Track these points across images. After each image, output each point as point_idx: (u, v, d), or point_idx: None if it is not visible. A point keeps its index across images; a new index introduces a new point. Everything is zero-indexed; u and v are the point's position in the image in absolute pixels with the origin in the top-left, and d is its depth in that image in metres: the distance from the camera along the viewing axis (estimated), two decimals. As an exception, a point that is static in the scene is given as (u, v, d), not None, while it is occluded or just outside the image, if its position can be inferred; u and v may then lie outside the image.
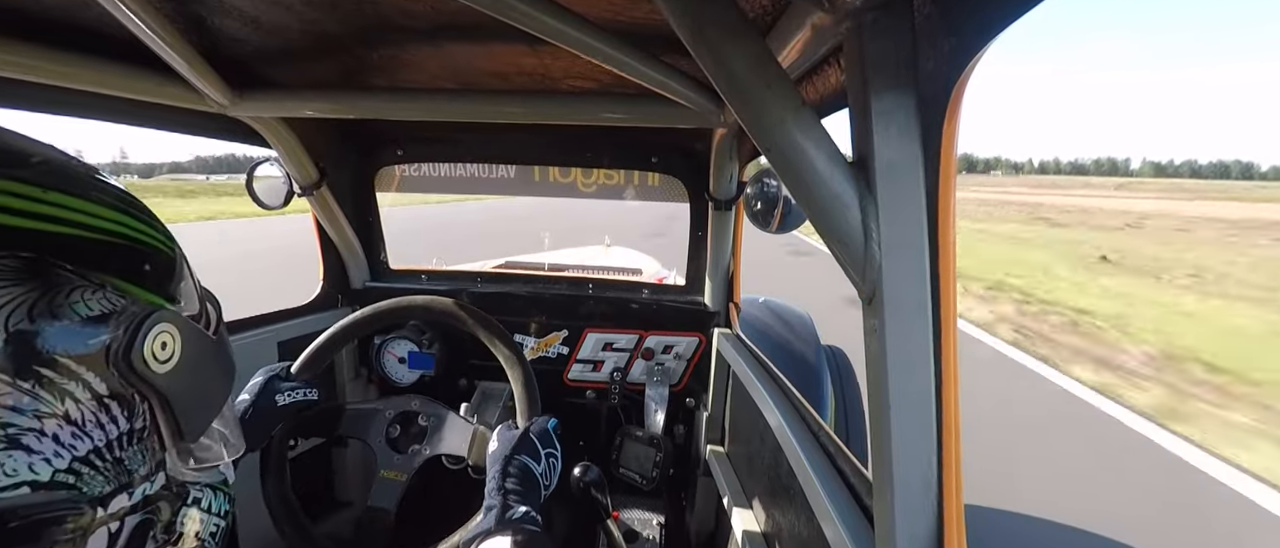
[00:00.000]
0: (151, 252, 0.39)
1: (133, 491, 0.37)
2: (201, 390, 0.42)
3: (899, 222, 0.46)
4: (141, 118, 1.03)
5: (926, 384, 0.48)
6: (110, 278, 0.36)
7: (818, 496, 0.72)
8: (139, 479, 0.38)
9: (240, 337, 1.28)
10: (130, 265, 0.38)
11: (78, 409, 0.33)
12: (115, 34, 0.73)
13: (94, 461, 0.34)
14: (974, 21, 0.38)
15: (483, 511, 0.70)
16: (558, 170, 1.61)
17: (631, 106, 1.02)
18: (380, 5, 0.72)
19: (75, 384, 0.33)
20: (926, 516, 0.49)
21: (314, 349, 0.96)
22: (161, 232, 0.41)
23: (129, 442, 0.37)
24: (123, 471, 0.37)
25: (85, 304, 0.34)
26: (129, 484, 0.37)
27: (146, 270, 0.38)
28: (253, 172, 1.35)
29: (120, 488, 0.36)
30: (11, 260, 0.31)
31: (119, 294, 0.36)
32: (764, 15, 0.65)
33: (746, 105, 0.48)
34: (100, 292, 0.35)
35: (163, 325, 0.37)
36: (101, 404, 0.35)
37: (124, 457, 0.37)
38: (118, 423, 0.36)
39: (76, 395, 0.33)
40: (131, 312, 0.36)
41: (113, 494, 0.36)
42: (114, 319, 0.35)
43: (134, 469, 0.37)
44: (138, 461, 0.38)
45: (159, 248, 0.40)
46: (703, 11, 0.46)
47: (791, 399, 0.99)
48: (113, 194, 0.38)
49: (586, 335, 1.57)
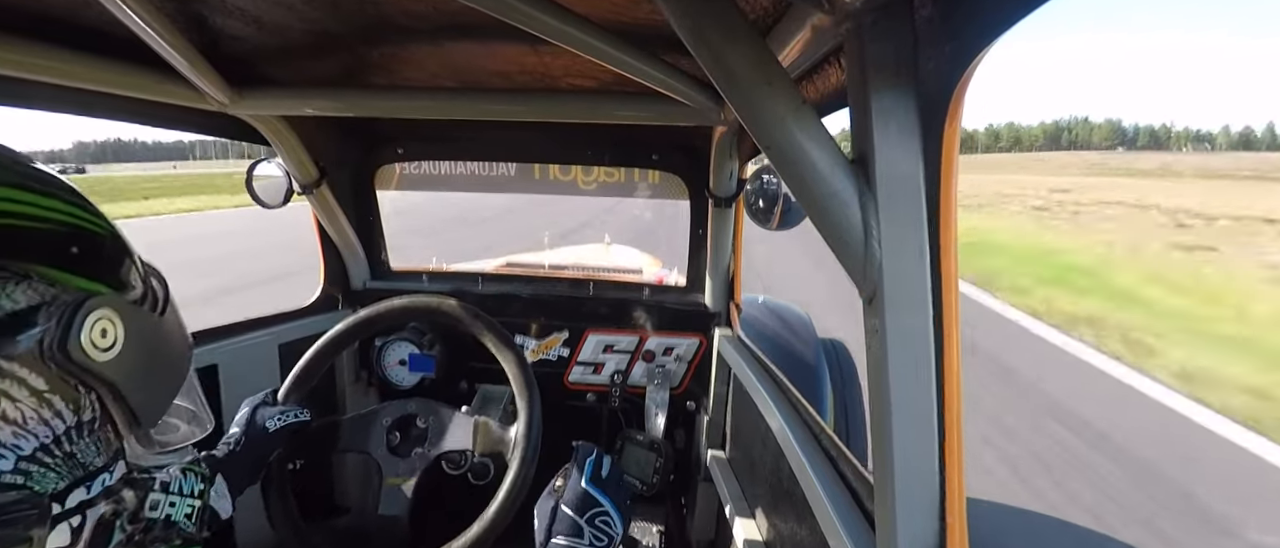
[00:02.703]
0: (78, 234, 0.37)
1: (90, 484, 0.36)
2: (153, 374, 0.41)
3: (899, 220, 0.46)
4: (141, 116, 1.03)
5: (928, 385, 0.48)
6: (34, 266, 0.34)
7: (819, 500, 0.72)
8: (95, 471, 0.37)
9: (241, 339, 1.28)
10: (55, 251, 0.35)
11: (16, 409, 0.32)
12: (115, 32, 0.73)
13: (42, 458, 0.33)
14: (975, 23, 0.38)
15: None
16: (558, 168, 1.61)
17: (632, 105, 1.02)
18: (381, 4, 0.72)
19: (10, 383, 0.32)
20: (928, 519, 0.49)
21: (299, 371, 0.95)
22: (90, 211, 0.38)
23: (79, 435, 0.36)
24: (76, 465, 0.35)
25: (8, 298, 0.32)
26: (85, 478, 0.36)
27: (75, 254, 0.36)
28: (252, 170, 1.35)
29: (76, 482, 0.35)
30: None
31: (46, 283, 0.34)
32: (764, 16, 0.65)
33: (747, 104, 0.48)
34: (25, 283, 0.33)
35: (99, 311, 0.35)
36: (42, 400, 0.33)
37: (75, 451, 0.35)
38: (63, 418, 0.35)
39: (13, 395, 0.32)
40: (62, 301, 0.34)
41: (69, 489, 0.35)
42: (44, 311, 0.33)
43: (88, 462, 0.36)
44: (91, 453, 0.37)
45: (87, 228, 0.37)
46: (703, 12, 0.46)
47: (792, 401, 0.99)
48: (26, 174, 0.35)
49: (587, 337, 1.57)
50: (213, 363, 1.21)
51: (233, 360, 1.24)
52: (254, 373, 1.29)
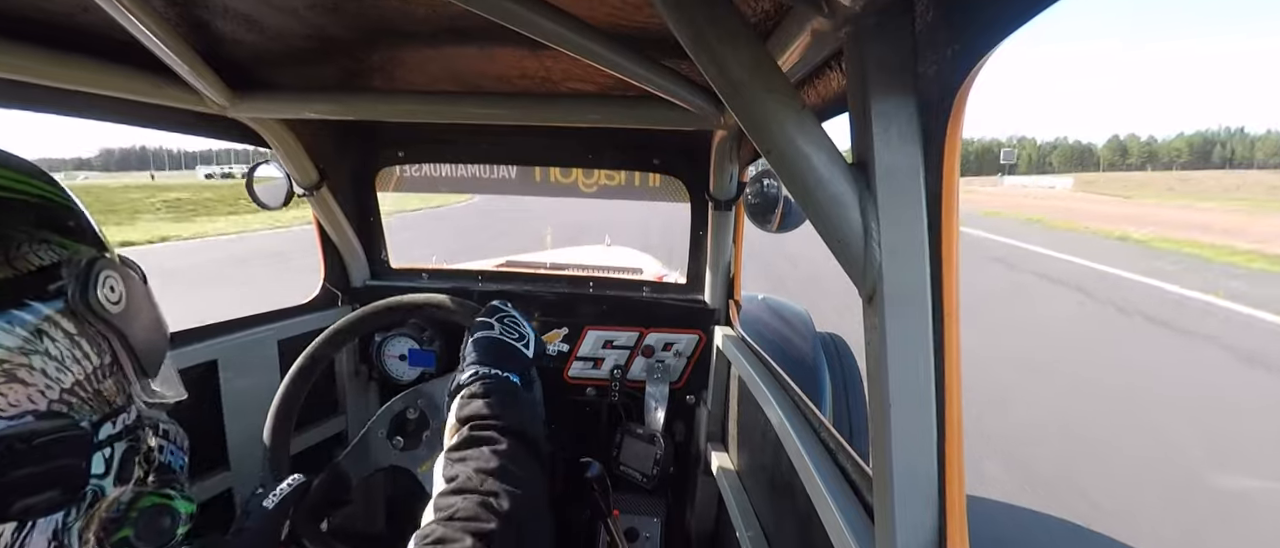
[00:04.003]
0: (68, 209, 0.42)
1: (115, 420, 0.42)
2: (150, 330, 0.46)
3: (899, 223, 0.47)
4: (141, 118, 1.03)
5: (926, 383, 0.48)
6: (47, 232, 0.39)
7: (819, 492, 0.73)
8: (117, 410, 0.42)
9: (240, 336, 1.28)
10: (58, 222, 0.41)
11: (56, 347, 0.37)
12: (115, 36, 0.74)
13: (78, 392, 0.38)
14: (977, 26, 0.39)
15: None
16: (558, 171, 1.62)
17: (632, 109, 1.03)
18: (382, 9, 0.73)
19: (48, 325, 0.37)
20: (928, 513, 0.50)
21: (269, 445, 0.92)
22: (65, 192, 0.44)
23: (104, 375, 0.41)
24: (103, 401, 0.41)
25: (36, 256, 0.37)
26: (111, 414, 0.41)
27: (72, 226, 0.42)
28: (253, 172, 1.35)
29: (104, 418, 0.40)
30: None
31: (60, 246, 0.39)
32: (764, 20, 0.65)
33: (746, 108, 0.48)
34: (44, 246, 0.38)
35: (108, 271, 0.41)
36: (73, 341, 0.39)
37: (102, 389, 0.41)
38: (91, 358, 0.40)
39: (51, 334, 0.37)
40: (76, 260, 0.39)
41: (100, 423, 0.40)
42: (65, 268, 0.39)
43: (112, 401, 0.42)
44: (114, 392, 0.42)
45: (71, 206, 0.43)
46: (702, 17, 0.47)
47: (792, 396, 0.99)
48: (12, 160, 0.41)
49: (586, 333, 1.58)
50: (212, 358, 1.21)
51: (232, 356, 1.25)
52: (253, 369, 1.29)
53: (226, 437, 1.23)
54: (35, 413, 0.35)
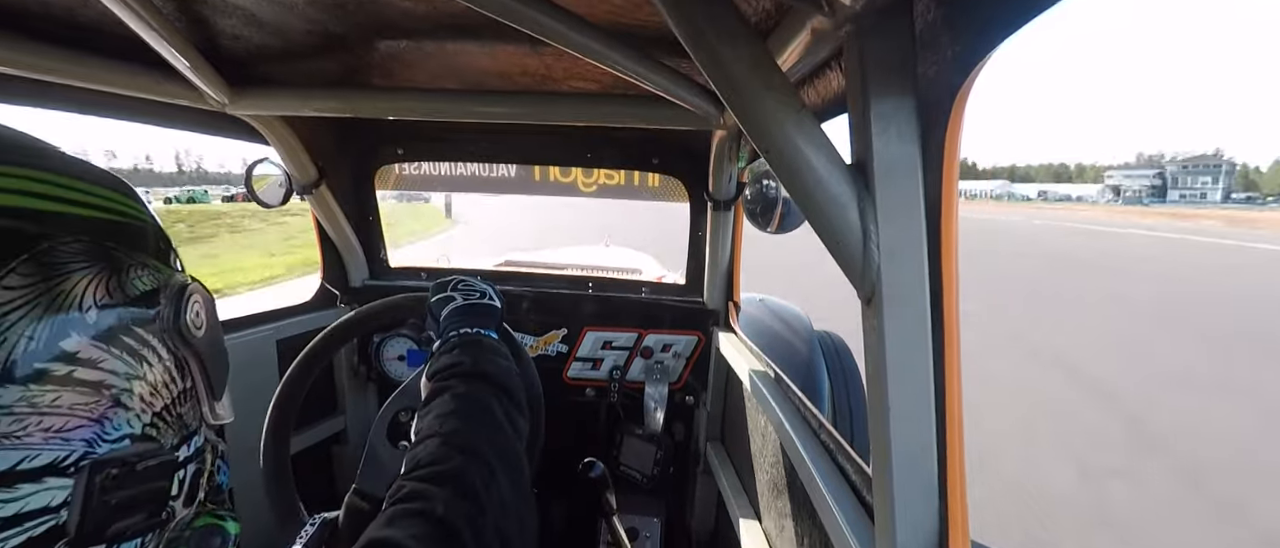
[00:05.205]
0: (159, 231, 0.43)
1: (190, 443, 0.42)
2: (221, 353, 0.47)
3: (898, 224, 0.46)
4: (140, 115, 1.03)
5: (925, 383, 0.48)
6: (145, 257, 0.40)
7: (818, 491, 0.73)
8: (191, 433, 0.43)
9: (239, 335, 1.28)
10: (154, 244, 0.41)
11: (153, 373, 0.38)
12: (114, 31, 0.73)
13: (166, 416, 0.39)
14: (979, 27, 0.38)
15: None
16: (558, 170, 1.62)
17: (632, 108, 1.03)
18: (382, 5, 0.72)
19: (148, 350, 0.38)
20: (928, 513, 0.50)
21: (269, 444, 0.89)
22: (150, 211, 0.44)
23: (184, 400, 0.42)
24: (182, 425, 0.41)
25: (141, 280, 0.38)
26: (187, 438, 0.42)
27: (162, 249, 0.42)
28: (252, 170, 1.35)
29: (182, 441, 0.41)
30: (77, 244, 0.35)
31: (156, 271, 0.40)
32: (765, 19, 0.65)
33: (746, 108, 0.48)
34: (145, 270, 0.39)
35: (196, 296, 0.42)
36: (165, 367, 0.39)
37: (182, 413, 0.41)
38: (177, 384, 0.41)
39: (150, 360, 0.38)
40: (171, 286, 0.40)
41: (179, 446, 0.41)
42: (162, 293, 0.39)
43: (189, 424, 0.42)
44: (191, 416, 0.43)
45: (159, 227, 0.44)
46: (703, 15, 0.46)
47: (791, 396, 0.99)
48: (109, 178, 0.41)
49: (585, 334, 1.57)
50: None
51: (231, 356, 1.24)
52: (252, 369, 1.29)
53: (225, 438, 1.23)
54: (132, 437, 0.36)
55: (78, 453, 0.33)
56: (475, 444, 0.50)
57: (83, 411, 0.33)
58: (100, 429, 0.34)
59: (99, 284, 0.35)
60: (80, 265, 0.34)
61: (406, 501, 0.44)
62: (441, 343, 0.68)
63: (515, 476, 0.50)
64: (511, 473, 0.50)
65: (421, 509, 0.43)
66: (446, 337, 0.68)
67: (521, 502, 0.50)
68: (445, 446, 0.50)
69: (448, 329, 0.70)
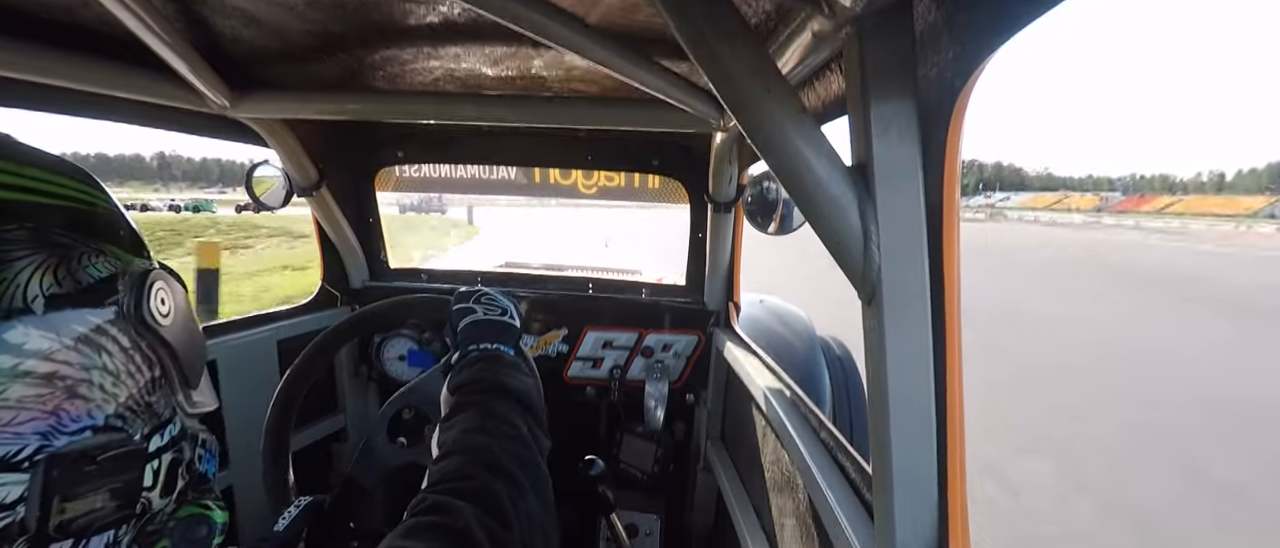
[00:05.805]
0: (118, 216, 0.42)
1: (163, 433, 0.41)
2: (193, 340, 0.45)
3: (898, 225, 0.46)
4: (141, 118, 1.03)
5: (925, 383, 0.48)
6: (103, 244, 0.38)
7: (819, 490, 0.73)
8: (164, 423, 0.42)
9: (240, 336, 1.28)
10: (111, 231, 0.40)
11: (112, 361, 0.37)
12: (115, 34, 0.73)
13: (133, 406, 0.38)
14: (979, 28, 0.38)
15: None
16: (558, 172, 1.62)
17: (632, 111, 1.03)
18: (383, 8, 0.73)
19: (106, 339, 0.37)
20: (928, 512, 0.50)
21: (269, 444, 0.89)
22: (110, 196, 0.43)
23: (153, 389, 0.41)
24: (153, 414, 0.40)
25: (95, 267, 0.37)
26: (159, 426, 0.41)
27: (123, 235, 0.41)
28: (252, 172, 1.35)
29: (154, 430, 0.40)
30: (20, 231, 0.34)
31: (116, 258, 0.39)
32: (765, 21, 0.65)
33: (746, 111, 0.48)
34: (102, 257, 0.38)
35: (160, 283, 0.40)
36: (128, 356, 0.38)
37: (152, 402, 0.40)
38: (144, 371, 0.40)
39: (109, 349, 0.37)
40: (132, 272, 0.39)
41: (150, 436, 0.40)
42: (120, 280, 0.38)
43: (160, 414, 0.41)
44: (162, 405, 0.42)
45: (119, 212, 0.42)
46: (703, 18, 0.46)
47: (792, 395, 0.99)
48: (67, 166, 0.40)
49: (586, 334, 1.57)
50: (212, 359, 1.20)
51: (231, 356, 1.24)
52: (252, 369, 1.29)
53: (226, 436, 1.23)
54: (93, 428, 0.35)
55: (32, 447, 0.32)
56: (502, 461, 0.49)
57: (34, 403, 0.32)
58: (56, 421, 0.33)
59: (46, 272, 0.34)
60: (24, 253, 0.33)
61: (428, 513, 0.43)
62: (461, 356, 0.67)
63: (541, 491, 0.50)
64: (537, 488, 0.50)
65: (443, 523, 0.41)
66: (466, 350, 0.68)
67: (547, 517, 0.49)
68: (472, 462, 0.49)
69: (466, 342, 0.70)
